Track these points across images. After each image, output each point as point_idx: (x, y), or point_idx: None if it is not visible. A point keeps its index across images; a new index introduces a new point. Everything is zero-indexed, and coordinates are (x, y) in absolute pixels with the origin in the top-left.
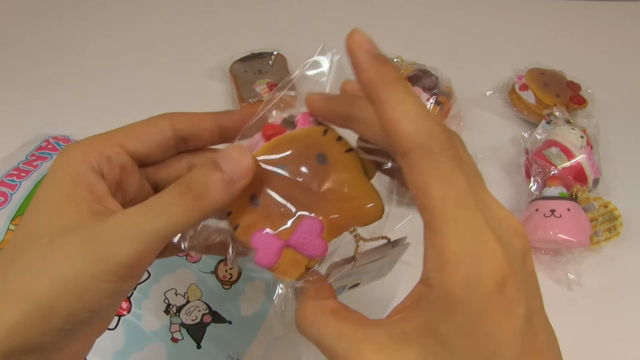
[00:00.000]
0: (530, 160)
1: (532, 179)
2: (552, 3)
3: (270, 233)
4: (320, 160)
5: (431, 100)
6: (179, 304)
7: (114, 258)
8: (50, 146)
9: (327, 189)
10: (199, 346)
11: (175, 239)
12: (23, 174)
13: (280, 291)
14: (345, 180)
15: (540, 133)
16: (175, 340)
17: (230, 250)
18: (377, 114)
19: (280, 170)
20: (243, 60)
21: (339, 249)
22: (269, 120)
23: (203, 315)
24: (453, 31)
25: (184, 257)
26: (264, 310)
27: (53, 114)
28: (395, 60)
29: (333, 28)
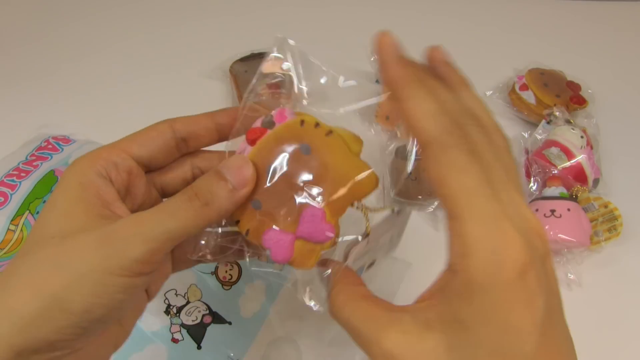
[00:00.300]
0: (531, 160)
1: (532, 179)
2: (552, 3)
3: (278, 230)
4: (304, 151)
5: None
6: (179, 304)
7: (127, 254)
8: (50, 146)
9: (318, 174)
10: (199, 347)
11: (194, 257)
12: (23, 174)
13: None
14: (331, 161)
15: (540, 133)
16: (176, 341)
17: (246, 254)
18: (400, 110)
19: (271, 171)
20: (243, 60)
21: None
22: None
23: (203, 315)
24: (453, 31)
25: None
26: (264, 311)
27: (53, 114)
28: None
29: (333, 28)
